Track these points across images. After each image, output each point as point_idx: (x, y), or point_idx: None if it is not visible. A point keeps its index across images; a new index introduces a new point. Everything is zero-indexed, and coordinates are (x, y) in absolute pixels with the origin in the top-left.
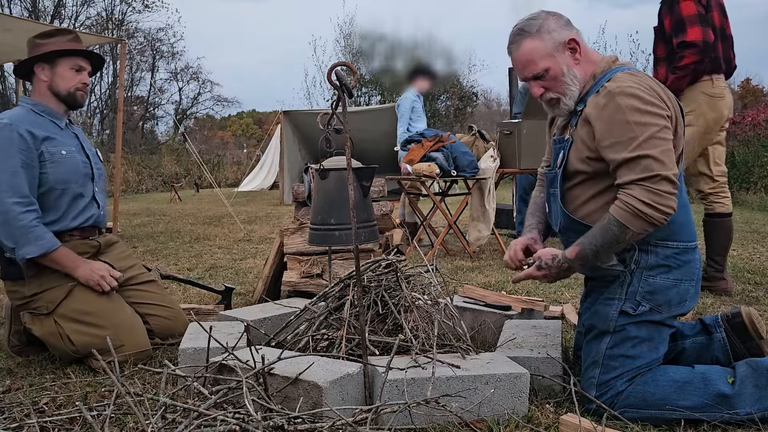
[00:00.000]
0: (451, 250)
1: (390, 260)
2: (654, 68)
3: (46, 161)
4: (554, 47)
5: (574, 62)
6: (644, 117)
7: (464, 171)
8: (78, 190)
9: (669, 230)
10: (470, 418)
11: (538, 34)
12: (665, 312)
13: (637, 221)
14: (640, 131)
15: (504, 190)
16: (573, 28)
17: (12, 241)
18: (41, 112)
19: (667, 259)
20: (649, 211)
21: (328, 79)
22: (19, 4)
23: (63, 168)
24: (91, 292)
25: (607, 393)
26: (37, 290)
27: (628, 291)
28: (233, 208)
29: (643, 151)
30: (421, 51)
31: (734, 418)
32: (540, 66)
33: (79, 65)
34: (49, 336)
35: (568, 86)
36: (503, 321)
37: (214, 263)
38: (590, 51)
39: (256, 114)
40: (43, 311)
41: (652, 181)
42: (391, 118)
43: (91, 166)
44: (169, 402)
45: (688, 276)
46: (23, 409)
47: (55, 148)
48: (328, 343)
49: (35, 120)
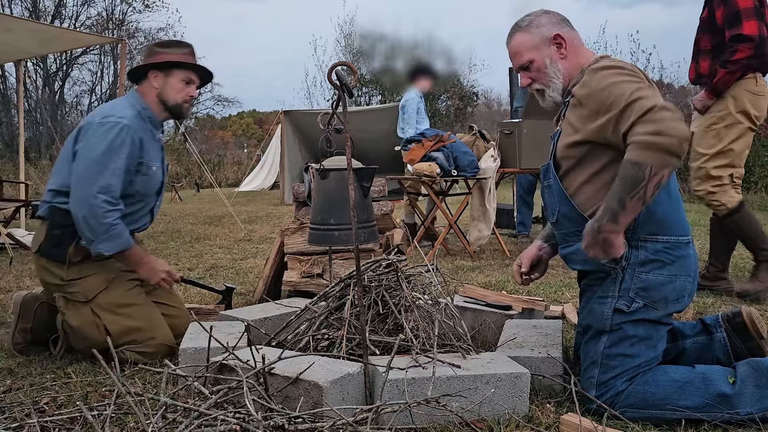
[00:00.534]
0: (452, 250)
1: (390, 260)
2: (694, 61)
3: (140, 172)
4: (540, 41)
5: (559, 57)
6: (627, 77)
7: (465, 171)
8: (145, 202)
9: (658, 224)
10: (471, 418)
11: (527, 28)
12: (662, 309)
13: (650, 153)
14: (627, 87)
15: (504, 189)
16: (565, 27)
17: (92, 235)
18: (147, 118)
19: (658, 254)
20: (658, 139)
21: (328, 78)
22: (19, 4)
23: (148, 182)
24: (127, 287)
25: (607, 393)
26: (75, 276)
27: (621, 288)
28: (234, 207)
29: (633, 97)
30: (422, 51)
31: (735, 417)
32: (525, 57)
33: (189, 78)
34: (86, 325)
35: (551, 79)
36: (504, 321)
37: (215, 263)
38: (583, 49)
39: (257, 114)
40: (80, 298)
41: (651, 113)
42: (392, 118)
43: (163, 181)
44: (170, 402)
45: (684, 271)
46: (24, 409)
47: (150, 162)
48: (328, 342)
49: (143, 126)
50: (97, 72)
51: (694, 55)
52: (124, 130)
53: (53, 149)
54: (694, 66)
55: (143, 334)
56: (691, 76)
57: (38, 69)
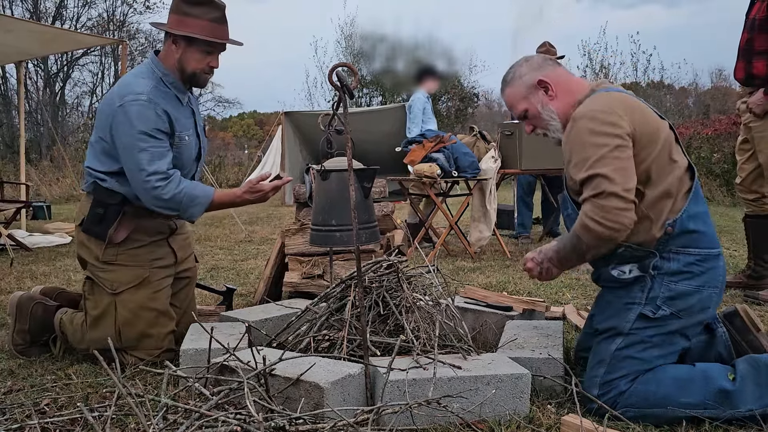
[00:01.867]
0: (453, 251)
1: (391, 261)
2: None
3: (173, 145)
4: (527, 90)
5: (548, 99)
6: (598, 138)
7: (465, 172)
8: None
9: (690, 238)
10: (471, 419)
11: (512, 82)
12: (686, 318)
13: (587, 234)
14: (593, 152)
15: (505, 190)
16: (547, 68)
17: (173, 213)
18: (169, 84)
19: (689, 266)
20: (595, 227)
21: (329, 79)
22: (20, 6)
23: (181, 154)
24: (154, 289)
25: (610, 392)
26: (110, 259)
27: (648, 296)
28: (234, 209)
29: (594, 170)
30: (422, 52)
31: (736, 415)
32: (519, 108)
33: (212, 48)
34: (102, 315)
35: (547, 122)
36: (504, 322)
37: (216, 264)
38: (572, 81)
39: (257, 115)
40: (107, 287)
41: (600, 198)
42: (393, 119)
43: (200, 147)
44: (171, 403)
45: (712, 283)
46: (25, 410)
47: (181, 132)
48: (329, 343)
49: (165, 94)
50: (98, 73)
51: (745, 54)
52: (147, 106)
53: (54, 150)
54: (744, 66)
55: (151, 342)
56: (740, 76)
57: (39, 70)
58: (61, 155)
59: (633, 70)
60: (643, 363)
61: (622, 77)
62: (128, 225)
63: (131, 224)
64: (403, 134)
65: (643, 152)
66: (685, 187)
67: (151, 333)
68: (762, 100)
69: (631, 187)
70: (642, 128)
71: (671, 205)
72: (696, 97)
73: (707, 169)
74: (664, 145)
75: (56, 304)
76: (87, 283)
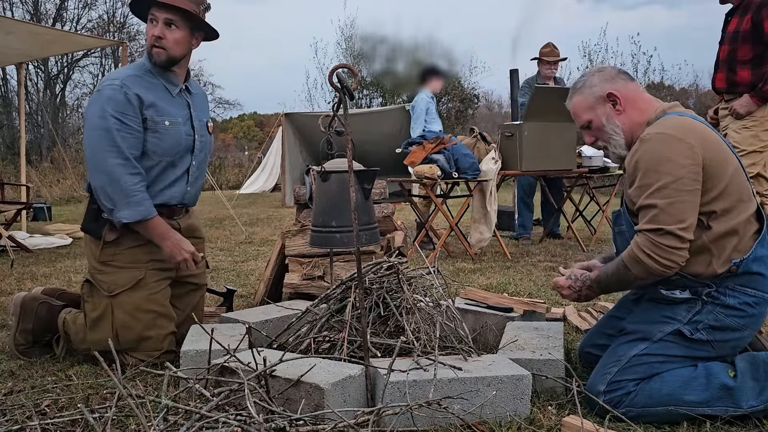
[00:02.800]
0: (453, 252)
1: (392, 262)
2: (726, 70)
3: (148, 129)
4: (595, 101)
5: (615, 113)
6: (664, 165)
7: (466, 173)
8: (171, 162)
9: (752, 279)
10: (472, 420)
11: (581, 90)
12: (717, 350)
13: (638, 266)
14: (656, 179)
15: (505, 192)
16: (619, 81)
17: (111, 203)
18: (158, 74)
19: (744, 306)
20: (648, 261)
21: (329, 81)
22: (20, 7)
23: (163, 139)
24: (153, 290)
25: (617, 391)
26: (107, 259)
27: (693, 318)
28: (235, 210)
29: (653, 200)
30: (422, 53)
31: (738, 411)
32: (583, 118)
33: (153, 15)
34: (101, 318)
35: (610, 136)
36: (505, 323)
37: (216, 265)
38: (643, 99)
39: (258, 116)
40: (104, 290)
41: (656, 234)
42: (393, 120)
43: (195, 138)
44: (171, 404)
45: (753, 327)
46: (25, 411)
47: (159, 117)
48: (329, 345)
49: (149, 83)
50: (98, 75)
51: (727, 64)
52: (113, 90)
53: (54, 152)
54: (725, 75)
55: (150, 344)
56: (721, 85)
57: (39, 72)
58: (61, 156)
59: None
60: (655, 372)
61: None
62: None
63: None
64: (403, 135)
65: (710, 182)
66: (753, 228)
67: (150, 335)
68: (748, 102)
69: (689, 225)
70: (713, 157)
71: (735, 243)
72: (697, 98)
73: None
74: (732, 179)
75: (62, 304)
76: (86, 285)
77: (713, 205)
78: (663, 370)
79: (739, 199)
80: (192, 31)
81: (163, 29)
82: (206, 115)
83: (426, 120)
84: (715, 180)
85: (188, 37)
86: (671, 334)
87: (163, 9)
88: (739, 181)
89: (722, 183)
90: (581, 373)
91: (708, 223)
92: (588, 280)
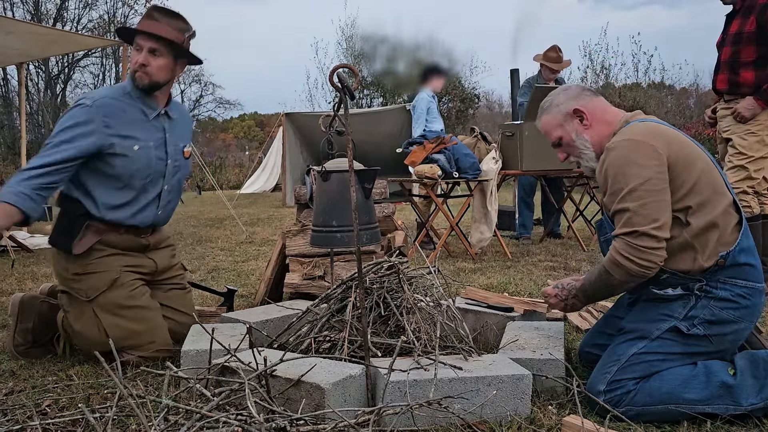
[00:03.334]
0: (453, 252)
1: (392, 262)
2: (728, 72)
3: (117, 153)
4: (563, 118)
5: (583, 128)
6: (631, 169)
7: (466, 173)
8: (143, 187)
9: (741, 270)
10: (472, 420)
11: (548, 109)
12: (716, 344)
13: (618, 270)
14: (625, 183)
15: (506, 191)
16: (584, 98)
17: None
18: (137, 97)
19: (737, 297)
20: (628, 264)
21: (330, 80)
22: (21, 7)
23: (132, 162)
24: (130, 288)
25: (617, 390)
26: (79, 270)
27: (688, 313)
28: (235, 210)
29: (625, 204)
30: (423, 53)
31: (738, 409)
32: (554, 135)
33: (138, 44)
34: (86, 326)
35: (581, 150)
36: (505, 322)
37: (217, 265)
38: (609, 111)
39: (258, 116)
40: (82, 296)
41: (633, 236)
42: (393, 120)
43: (167, 163)
44: (172, 404)
45: (750, 318)
46: (26, 411)
47: (126, 142)
48: (330, 344)
49: (126, 105)
50: (98, 75)
51: (730, 65)
52: (83, 109)
53: None
54: (727, 77)
55: (143, 338)
56: (722, 87)
57: (40, 72)
58: None
59: (634, 71)
60: (655, 370)
61: (623, 78)
62: (91, 238)
63: (95, 237)
64: (404, 135)
65: (678, 179)
66: (734, 220)
67: (139, 329)
68: (752, 104)
69: (662, 224)
70: (678, 155)
71: (718, 236)
72: (697, 98)
73: None
74: (703, 172)
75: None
76: (63, 297)
77: (687, 201)
78: (662, 369)
79: (713, 192)
80: (175, 59)
81: (147, 57)
82: (185, 140)
83: (427, 119)
84: (684, 176)
85: (171, 65)
86: (669, 332)
87: (148, 38)
88: (710, 175)
89: (692, 178)
90: (581, 373)
91: (686, 219)
92: (573, 289)
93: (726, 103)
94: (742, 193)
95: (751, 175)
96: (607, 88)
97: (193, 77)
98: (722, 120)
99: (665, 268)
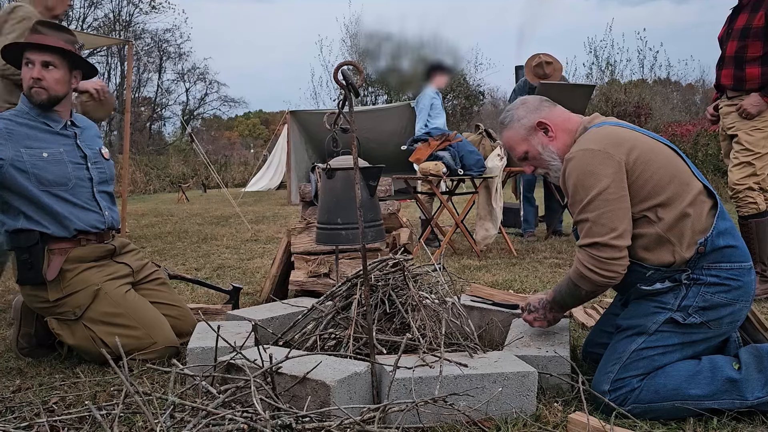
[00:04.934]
0: (458, 249)
1: (397, 259)
2: (733, 68)
3: (26, 162)
4: (527, 132)
5: (548, 140)
6: (587, 180)
7: (471, 170)
8: (69, 193)
9: (723, 254)
10: (478, 417)
11: (510, 125)
12: (715, 329)
13: (583, 281)
14: (583, 194)
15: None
16: (544, 110)
17: None
18: (38, 115)
19: (726, 280)
20: (591, 276)
21: (334, 78)
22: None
23: (47, 169)
24: (116, 295)
25: (621, 389)
26: (60, 295)
27: (681, 303)
28: (240, 208)
29: (583, 215)
30: (428, 50)
31: (744, 404)
32: (519, 150)
33: (28, 59)
34: (82, 341)
35: (548, 162)
36: (511, 320)
37: (222, 263)
38: (570, 122)
39: (263, 114)
40: (70, 317)
41: (594, 248)
42: (398, 117)
43: (87, 167)
44: (178, 401)
45: (745, 297)
46: (33, 409)
47: (33, 150)
48: (335, 342)
49: (25, 122)
50: (104, 73)
51: (735, 60)
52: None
53: None
54: (732, 72)
55: (143, 340)
56: (727, 82)
57: None
58: None
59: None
60: (657, 365)
61: (629, 74)
62: (58, 258)
63: (61, 257)
64: (408, 133)
65: (640, 179)
66: (707, 206)
67: (135, 333)
68: (759, 101)
69: (622, 232)
70: (637, 154)
71: (691, 225)
72: (703, 94)
73: (714, 167)
74: (664, 167)
75: None
76: (53, 321)
77: (653, 199)
78: (664, 362)
79: (678, 184)
80: (70, 70)
81: (41, 71)
82: (98, 144)
83: (430, 114)
84: (645, 175)
85: (67, 76)
86: (666, 323)
87: (39, 51)
88: (673, 168)
89: (654, 176)
90: (587, 370)
91: (656, 216)
92: (547, 303)
93: (729, 99)
94: (747, 189)
95: (757, 172)
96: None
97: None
98: (726, 117)
99: (648, 265)
